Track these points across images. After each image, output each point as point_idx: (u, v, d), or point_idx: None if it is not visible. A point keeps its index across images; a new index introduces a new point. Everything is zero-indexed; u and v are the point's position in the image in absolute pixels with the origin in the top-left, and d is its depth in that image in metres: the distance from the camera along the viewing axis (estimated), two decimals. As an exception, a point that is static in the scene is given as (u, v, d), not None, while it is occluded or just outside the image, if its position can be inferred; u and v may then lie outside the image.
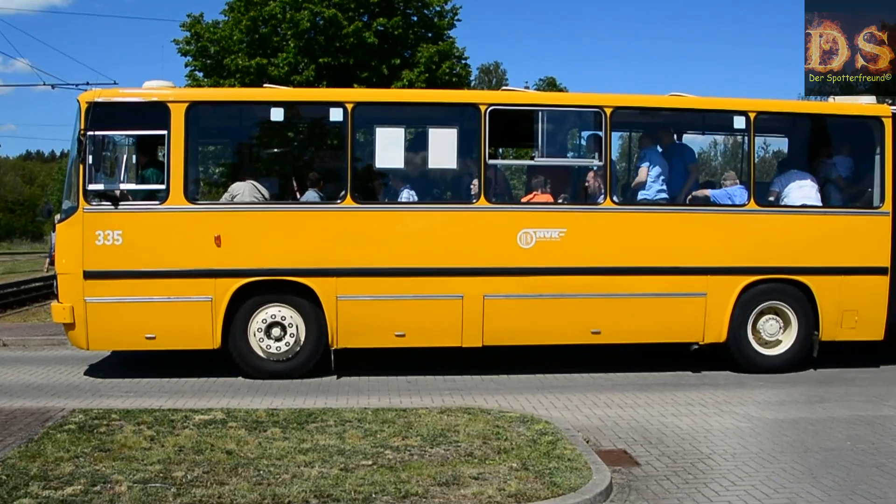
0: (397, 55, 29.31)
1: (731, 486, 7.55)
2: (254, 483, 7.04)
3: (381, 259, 11.55)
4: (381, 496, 6.80)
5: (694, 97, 12.77)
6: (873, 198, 12.72)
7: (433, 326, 11.69)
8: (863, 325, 12.62)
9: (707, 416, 10.04)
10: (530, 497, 6.85)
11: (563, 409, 10.19)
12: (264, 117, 12.31)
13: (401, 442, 8.30)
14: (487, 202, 11.74)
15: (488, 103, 11.85)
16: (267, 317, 11.56)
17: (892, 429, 9.61)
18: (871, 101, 13.29)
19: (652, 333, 12.28)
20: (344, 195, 11.53)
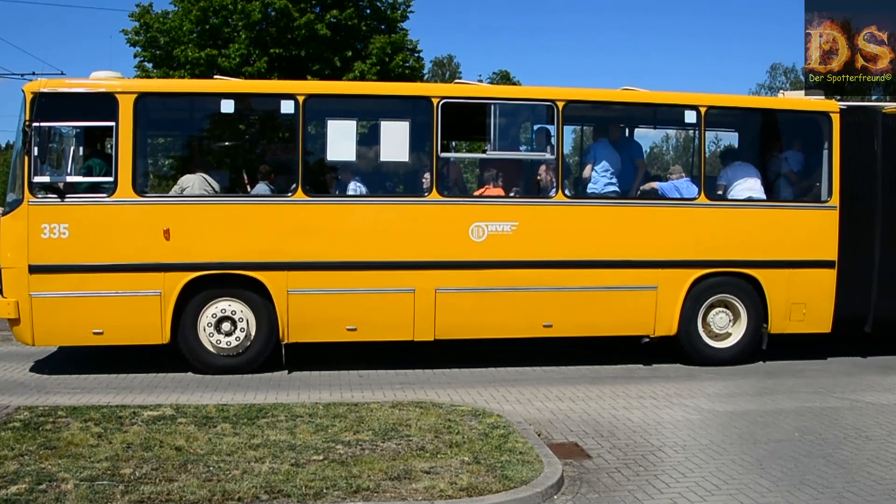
0: (350, 47, 29.17)
1: (681, 478, 7.61)
2: (203, 479, 6.96)
3: (332, 253, 11.48)
4: (333, 491, 6.76)
5: (645, 91, 12.84)
6: (821, 192, 12.87)
7: (385, 320, 11.65)
8: (811, 318, 12.78)
9: (658, 408, 10.11)
10: (482, 490, 6.85)
11: (514, 403, 10.21)
12: (214, 109, 12.16)
13: (352, 436, 8.25)
14: (439, 195, 11.72)
15: (441, 96, 11.82)
16: (217, 311, 11.44)
17: (838, 420, 9.74)
18: (820, 97, 13.45)
19: (603, 327, 12.34)
20: (295, 188, 11.45)
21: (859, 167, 12.85)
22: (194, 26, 28.63)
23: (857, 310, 12.97)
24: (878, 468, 7.99)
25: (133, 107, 11.07)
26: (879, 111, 13.49)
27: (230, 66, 27.47)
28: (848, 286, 12.79)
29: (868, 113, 13.42)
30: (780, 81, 56.68)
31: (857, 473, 7.83)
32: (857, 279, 12.86)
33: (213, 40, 28.75)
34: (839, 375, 12.31)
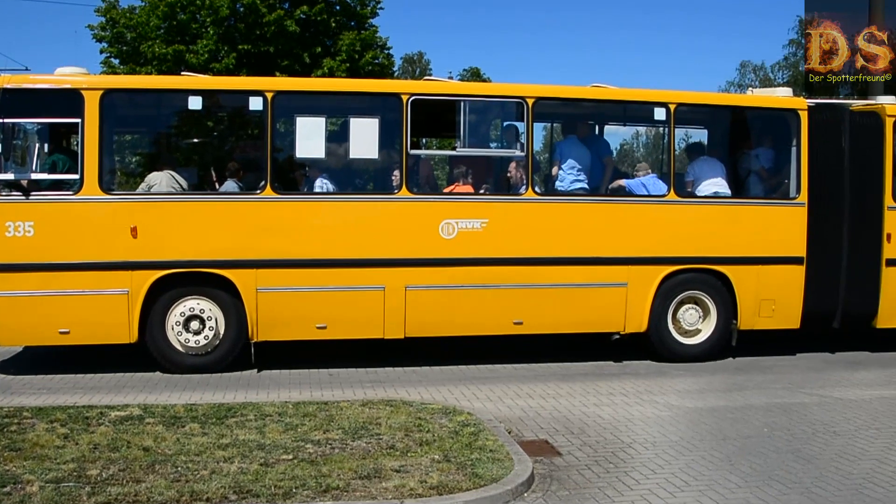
0: (319, 43, 29.03)
1: (651, 475, 7.63)
2: (171, 480, 6.89)
3: (301, 250, 11.42)
4: (302, 491, 6.72)
5: (615, 88, 12.86)
6: (790, 189, 12.95)
7: (355, 318, 11.60)
8: (780, 314, 12.86)
9: (628, 405, 10.13)
10: (452, 489, 6.83)
11: (485, 400, 10.19)
12: (182, 106, 12.02)
13: (322, 435, 8.20)
14: (409, 192, 11.68)
15: (410, 93, 11.78)
16: (185, 310, 11.34)
17: (807, 415, 9.80)
18: (788, 94, 13.54)
19: (574, 323, 12.35)
20: (264, 185, 11.37)
21: (827, 164, 12.94)
22: (161, 22, 28.37)
23: (825, 306, 13.08)
24: (845, 463, 8.04)
25: (99, 103, 10.95)
26: (847, 108, 13.61)
27: (198, 62, 27.25)
28: (816, 282, 12.88)
29: (836, 110, 13.53)
30: (749, 79, 57.05)
31: (826, 468, 7.88)
32: (825, 275, 12.95)
33: (180, 36, 28.51)
34: (808, 371, 12.39)
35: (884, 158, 13.17)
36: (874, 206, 13.17)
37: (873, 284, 13.21)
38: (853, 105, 14.13)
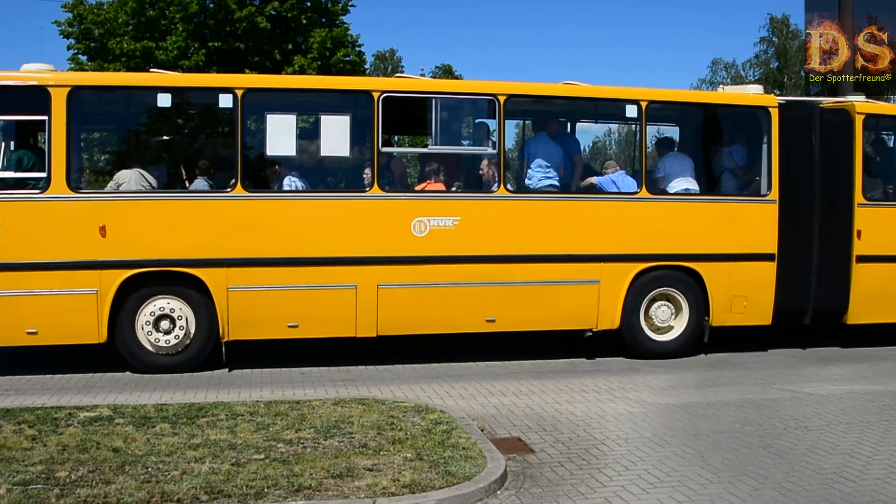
0: (290, 40, 28.93)
1: (624, 471, 7.63)
2: (142, 481, 6.82)
3: (272, 249, 11.35)
4: (274, 490, 6.67)
5: (587, 86, 12.87)
6: (761, 186, 13.01)
7: (326, 316, 11.55)
8: (751, 311, 12.92)
9: (601, 402, 10.14)
10: (425, 487, 6.80)
11: (458, 398, 10.17)
12: (151, 103, 11.90)
13: (294, 435, 8.15)
14: (381, 190, 11.64)
15: (381, 90, 11.73)
16: (155, 309, 11.24)
17: (779, 411, 9.85)
18: (759, 91, 13.60)
19: (546, 321, 12.35)
20: (234, 183, 11.29)
21: (798, 161, 13.02)
22: (130, 18, 28.18)
23: (796, 302, 13.17)
24: (816, 458, 8.08)
25: (66, 100, 10.82)
26: (817, 105, 13.71)
27: (167, 59, 27.08)
28: (787, 279, 12.97)
29: (806, 107, 13.62)
30: (721, 76, 57.42)
31: (797, 463, 7.91)
32: (796, 272, 13.04)
33: (149, 32, 28.33)
34: (779, 367, 12.46)
35: (854, 155, 13.28)
36: (844, 202, 13.26)
37: (844, 281, 13.31)
38: (823, 102, 14.22)
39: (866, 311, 13.52)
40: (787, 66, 56.23)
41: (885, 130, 15.11)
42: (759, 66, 57.16)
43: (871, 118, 13.76)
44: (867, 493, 7.19)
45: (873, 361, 12.97)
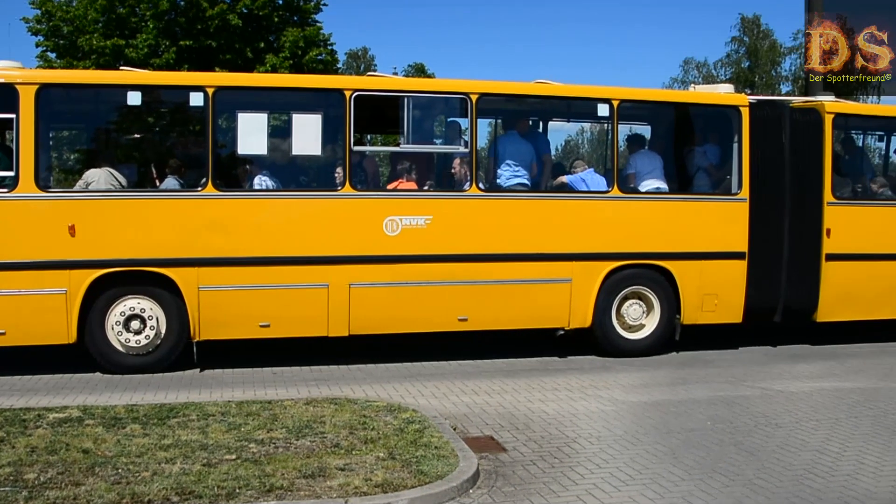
0: (262, 39, 28.80)
1: (596, 469, 7.65)
2: (112, 482, 6.76)
3: (244, 248, 11.29)
4: (245, 491, 6.64)
5: (559, 85, 12.89)
6: (732, 185, 13.09)
7: (298, 316, 11.51)
8: (722, 309, 13.00)
9: (573, 400, 10.16)
10: (397, 486, 6.79)
11: (430, 397, 10.17)
12: (121, 101, 11.80)
13: (265, 435, 8.12)
14: (352, 189, 11.61)
15: (353, 89, 11.71)
16: (125, 309, 11.16)
17: (750, 408, 9.91)
18: (730, 91, 13.68)
19: (518, 320, 12.36)
20: (205, 182, 11.22)
21: (769, 160, 13.11)
22: (99, 15, 27.96)
23: (767, 300, 13.26)
24: (786, 454, 8.14)
25: (35, 98, 10.72)
26: (787, 105, 13.82)
27: (138, 56, 26.90)
28: (758, 277, 13.05)
29: (776, 106, 13.73)
30: (692, 76, 57.61)
31: (767, 460, 7.97)
32: (766, 270, 13.13)
33: (119, 30, 28.13)
34: (750, 364, 12.54)
35: (823, 154, 13.38)
36: (814, 201, 13.37)
37: (813, 279, 13.41)
38: (793, 102, 14.33)
39: (835, 309, 13.63)
40: (758, 66, 56.58)
41: (854, 130, 15.26)
42: (731, 66, 57.44)
43: (841, 117, 13.88)
44: (836, 489, 7.25)
45: (842, 358, 13.08)
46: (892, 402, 10.31)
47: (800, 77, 51.74)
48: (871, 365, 12.61)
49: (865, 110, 16.67)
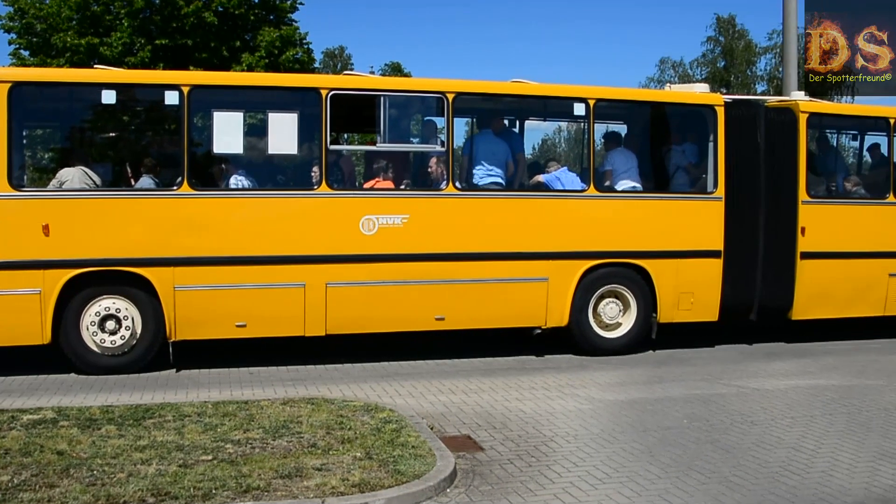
0: (238, 37, 28.68)
1: (573, 467, 7.67)
2: (87, 484, 6.71)
3: (220, 248, 11.24)
4: (222, 492, 6.60)
5: (535, 84, 12.91)
6: (707, 183, 13.15)
7: (275, 316, 11.47)
8: (698, 307, 13.06)
9: (550, 399, 10.17)
10: (374, 486, 6.78)
11: (407, 397, 10.16)
12: (95, 100, 11.70)
13: (242, 435, 8.08)
14: (329, 188, 11.58)
15: (329, 88, 11.68)
16: (101, 309, 11.08)
17: (726, 406, 9.96)
18: (705, 90, 13.74)
19: (495, 318, 12.37)
20: (181, 182, 11.16)
21: (744, 159, 13.19)
22: (74, 13, 27.73)
23: (742, 298, 13.34)
24: (762, 452, 8.18)
25: (7, 96, 10.62)
26: (762, 104, 13.90)
27: (112, 55, 26.72)
28: (734, 275, 13.12)
29: (751, 106, 13.80)
30: (668, 75, 57.92)
31: (743, 458, 8.01)
32: (742, 269, 13.21)
33: (93, 28, 27.91)
34: (726, 363, 12.61)
35: (798, 153, 13.48)
36: (789, 200, 13.45)
37: (788, 277, 13.49)
38: (768, 101, 14.42)
39: (810, 307, 13.73)
40: (734, 66, 56.94)
41: (828, 129, 15.37)
42: (707, 65, 57.78)
43: (815, 117, 13.98)
44: (812, 486, 7.30)
45: (817, 356, 13.18)
46: (866, 400, 10.39)
47: (775, 77, 52.16)
48: (846, 362, 12.71)
49: (839, 110, 16.80)
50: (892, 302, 14.19)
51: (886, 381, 11.53)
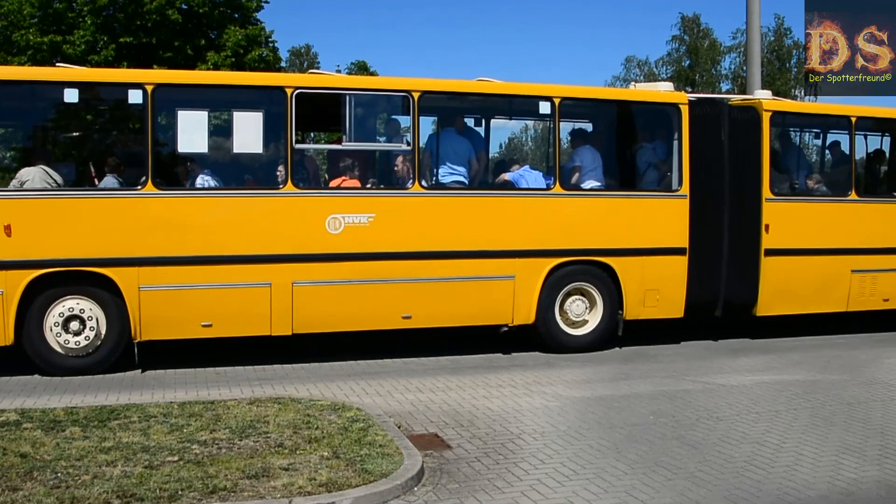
0: (202, 35, 28.51)
1: (540, 465, 7.69)
2: (51, 486, 6.64)
3: (185, 247, 11.17)
4: (188, 493, 6.56)
5: (501, 83, 12.93)
6: (672, 181, 13.23)
7: (241, 315, 11.41)
8: (664, 304, 13.14)
9: (517, 396, 10.20)
10: (341, 485, 6.76)
11: (375, 396, 10.14)
12: (57, 98, 11.61)
13: (208, 435, 8.04)
14: (295, 187, 11.54)
15: (295, 86, 11.63)
16: (64, 310, 10.97)
17: (691, 402, 10.03)
18: (670, 89, 13.82)
19: (462, 317, 12.38)
20: (145, 181, 11.08)
21: (708, 157, 13.28)
22: (35, 10, 27.48)
23: (707, 295, 13.44)
24: (727, 447, 8.25)
25: (-32, 95, 10.52)
26: (726, 103, 13.99)
27: (75, 53, 26.51)
28: (699, 272, 13.22)
29: (715, 104, 13.89)
30: (634, 74, 58.23)
31: (709, 453, 8.07)
32: (707, 266, 13.30)
33: (56, 26, 27.66)
34: (692, 359, 12.69)
35: (761, 151, 13.59)
36: (753, 197, 13.57)
37: (753, 274, 13.61)
38: (732, 99, 14.53)
39: (775, 304, 13.86)
40: (699, 64, 57.32)
41: (791, 127, 15.51)
42: (672, 64, 58.13)
43: (778, 115, 14.11)
44: (776, 480, 7.37)
45: (782, 352, 13.30)
46: (829, 395, 10.51)
47: (739, 75, 52.54)
48: (810, 358, 12.83)
49: (802, 108, 16.98)
50: (854, 298, 14.36)
51: (849, 376, 11.66)
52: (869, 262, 14.33)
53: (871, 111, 15.75)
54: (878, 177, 16.12)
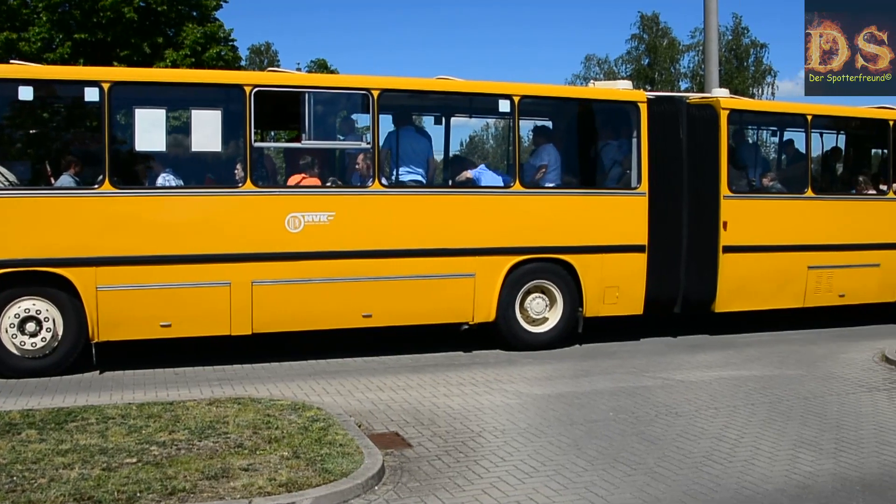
0: (160, 33, 28.27)
1: (501, 462, 7.70)
2: (6, 491, 6.55)
3: (143, 247, 11.06)
4: (147, 494, 6.50)
5: (461, 81, 12.93)
6: (631, 179, 13.30)
7: (200, 315, 11.33)
8: (623, 301, 13.23)
9: (478, 394, 10.21)
10: (302, 485, 6.74)
11: (335, 395, 10.12)
12: (12, 96, 11.44)
13: (167, 437, 7.97)
14: (254, 186, 11.48)
15: (254, 84, 11.57)
16: (20, 311, 10.83)
17: (651, 398, 10.10)
18: (628, 87, 13.90)
19: (423, 315, 12.39)
20: (102, 180, 10.96)
21: (666, 155, 13.38)
22: (-11, 7, 27.14)
23: (666, 292, 13.54)
24: (686, 442, 8.31)
25: (-81, 94, 10.35)
26: (684, 101, 14.11)
27: (31, 50, 26.18)
28: (658, 269, 13.32)
29: (674, 102, 14.00)
30: (594, 72, 58.57)
31: (668, 449, 8.13)
32: (666, 263, 13.41)
33: (10, 22, 27.30)
34: (651, 355, 12.78)
35: (719, 149, 13.71)
36: (711, 195, 13.69)
37: (711, 271, 13.74)
38: (690, 98, 14.64)
39: (733, 300, 14.00)
40: (658, 63, 57.76)
41: (748, 125, 15.68)
42: (631, 63, 58.51)
43: (735, 113, 14.25)
44: (734, 474, 7.44)
45: (740, 348, 13.43)
46: (786, 389, 10.62)
47: (698, 73, 52.98)
48: (767, 353, 12.97)
49: (759, 106, 17.20)
50: (811, 294, 14.54)
51: (806, 371, 11.80)
52: (825, 259, 14.51)
53: (827, 109, 15.96)
54: (834, 174, 16.33)
